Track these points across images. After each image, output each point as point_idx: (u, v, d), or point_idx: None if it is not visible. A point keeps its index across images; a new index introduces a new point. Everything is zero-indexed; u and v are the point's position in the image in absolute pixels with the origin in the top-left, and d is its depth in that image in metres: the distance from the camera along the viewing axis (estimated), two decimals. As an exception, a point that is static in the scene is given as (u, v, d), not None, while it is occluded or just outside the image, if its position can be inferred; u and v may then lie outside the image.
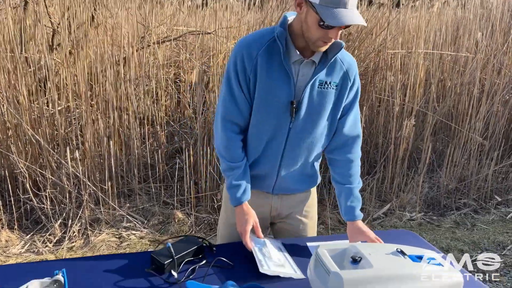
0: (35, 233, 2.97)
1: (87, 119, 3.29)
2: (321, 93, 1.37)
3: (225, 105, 1.40)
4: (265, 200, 1.54)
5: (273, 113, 1.37)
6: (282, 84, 1.34)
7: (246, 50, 1.33)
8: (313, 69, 1.35)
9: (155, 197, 3.42)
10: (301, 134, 1.41)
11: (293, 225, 1.59)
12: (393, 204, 3.46)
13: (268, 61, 1.33)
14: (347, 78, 1.40)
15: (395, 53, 3.72)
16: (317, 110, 1.39)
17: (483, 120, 3.76)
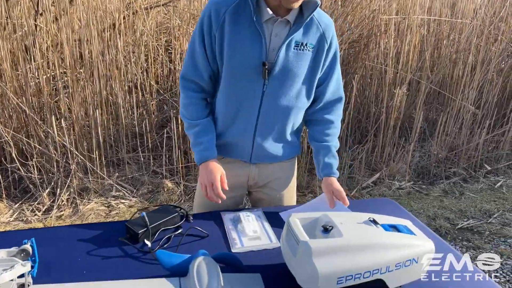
0: (24, 202, 2.98)
1: (74, 87, 3.22)
2: (297, 55, 1.31)
3: (185, 63, 1.38)
4: (243, 169, 1.50)
5: (244, 74, 1.32)
6: (253, 43, 1.28)
7: (214, 7, 1.28)
8: (287, 29, 1.29)
9: (144, 167, 3.40)
10: (276, 98, 1.35)
11: (269, 195, 1.57)
12: (382, 173, 3.46)
13: (236, 19, 1.27)
14: (324, 40, 1.34)
15: (390, 19, 3.62)
16: (292, 73, 1.32)
17: (477, 88, 3.71)
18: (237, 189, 1.53)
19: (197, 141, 1.39)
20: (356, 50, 3.90)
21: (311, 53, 1.34)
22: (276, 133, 1.44)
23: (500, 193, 3.32)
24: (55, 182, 3.03)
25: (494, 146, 3.83)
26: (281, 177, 1.56)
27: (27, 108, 3.04)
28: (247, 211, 1.43)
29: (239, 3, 1.27)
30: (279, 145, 1.47)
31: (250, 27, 1.27)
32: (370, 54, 3.81)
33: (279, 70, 1.31)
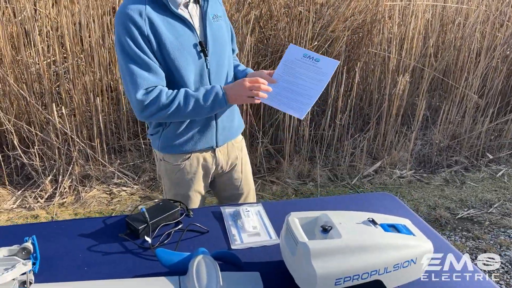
0: (26, 189, 3.00)
1: (74, 74, 3.20)
2: (218, 26, 1.44)
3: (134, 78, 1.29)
4: (211, 158, 1.57)
5: (188, 59, 1.37)
6: (183, 29, 1.35)
7: (132, 14, 1.27)
8: (198, 7, 1.40)
9: (146, 154, 3.41)
10: (219, 71, 1.45)
11: (233, 177, 1.66)
12: (384, 162, 3.46)
13: (158, 15, 1.31)
14: (221, 6, 1.51)
15: (393, 5, 3.55)
16: (222, 42, 1.44)
17: (481, 76, 3.67)
18: (207, 180, 1.62)
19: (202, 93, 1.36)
20: (359, 36, 3.84)
21: (223, 22, 1.48)
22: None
23: (501, 183, 3.32)
24: (57, 169, 3.04)
25: (496, 135, 3.81)
26: (241, 155, 1.67)
27: (27, 95, 3.03)
28: (247, 206, 1.43)
29: (150, 1, 1.31)
30: (234, 117, 1.59)
31: (173, 17, 1.34)
32: (373, 41, 3.76)
33: (212, 44, 1.41)
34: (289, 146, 3.30)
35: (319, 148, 3.48)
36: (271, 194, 2.96)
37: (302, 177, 3.29)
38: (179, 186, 1.57)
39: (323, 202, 1.58)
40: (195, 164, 1.54)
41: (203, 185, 1.60)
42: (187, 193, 1.58)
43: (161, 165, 1.58)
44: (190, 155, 1.52)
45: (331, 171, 3.37)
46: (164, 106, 1.32)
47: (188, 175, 1.55)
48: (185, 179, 1.55)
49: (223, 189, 1.69)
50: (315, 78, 1.40)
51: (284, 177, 3.23)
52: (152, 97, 1.31)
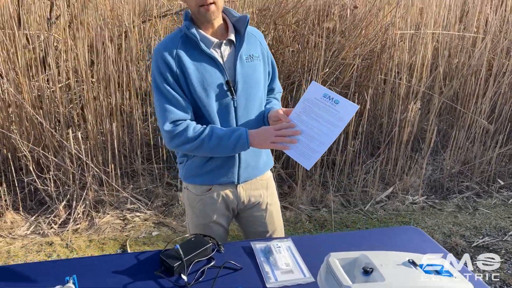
0: (40, 215, 2.99)
1: (88, 98, 3.24)
2: (251, 66, 1.45)
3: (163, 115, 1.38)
4: (232, 194, 1.56)
5: (214, 97, 1.41)
6: (212, 68, 1.39)
7: (164, 52, 1.37)
8: (233, 47, 1.44)
9: (159, 178, 3.42)
10: (247, 110, 1.46)
11: (258, 215, 1.63)
12: (396, 187, 3.47)
13: (188, 53, 1.38)
14: (262, 47, 1.52)
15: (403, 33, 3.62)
16: (253, 82, 1.46)
17: (489, 102, 3.71)
18: (229, 214, 1.61)
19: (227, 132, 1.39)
20: (369, 62, 3.91)
21: (259, 61, 1.49)
22: None
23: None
24: (71, 194, 3.04)
25: (507, 161, 3.83)
26: (266, 193, 1.64)
27: (43, 120, 3.06)
28: (277, 241, 1.43)
29: (184, 40, 1.39)
30: (259, 156, 1.57)
31: (203, 56, 1.39)
32: (383, 68, 3.81)
33: (241, 84, 1.43)
34: (302, 171, 3.32)
35: (331, 173, 3.49)
36: (284, 221, 2.95)
37: (315, 203, 3.29)
38: (200, 216, 1.58)
39: (351, 237, 1.59)
40: (216, 197, 1.55)
41: (224, 218, 1.60)
42: (208, 224, 1.58)
43: (185, 193, 1.62)
44: (211, 187, 1.54)
45: (343, 197, 3.38)
46: (189, 140, 1.39)
47: (208, 206, 1.56)
48: (205, 210, 1.57)
49: (247, 224, 1.67)
50: (331, 122, 1.33)
51: (297, 202, 3.23)
52: (179, 130, 1.38)
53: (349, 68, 3.66)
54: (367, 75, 3.96)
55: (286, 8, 3.66)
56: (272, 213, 1.65)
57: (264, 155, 1.61)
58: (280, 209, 1.74)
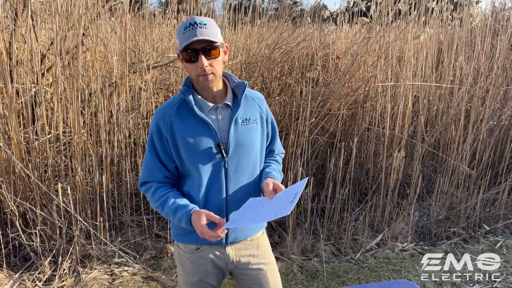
0: (24, 271, 2.89)
1: (77, 151, 3.24)
2: (246, 129, 1.51)
3: (142, 172, 1.54)
4: (220, 255, 1.57)
5: (204, 159, 1.46)
6: (204, 131, 1.46)
7: (160, 115, 1.48)
8: (229, 110, 1.51)
9: (147, 230, 3.37)
10: (239, 171, 1.51)
11: (252, 274, 1.62)
12: (385, 235, 3.49)
13: (182, 118, 1.46)
14: (261, 111, 1.58)
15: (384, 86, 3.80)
16: (246, 144, 1.50)
17: (470, 148, 3.85)
18: (219, 273, 1.60)
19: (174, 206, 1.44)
20: (353, 112, 4.05)
21: (256, 125, 1.54)
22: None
23: (500, 254, 3.36)
24: (57, 249, 2.97)
25: (491, 206, 3.92)
26: (259, 253, 1.63)
27: (31, 173, 3.03)
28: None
29: (180, 105, 1.47)
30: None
31: (197, 120, 1.46)
32: (366, 117, 3.96)
33: (233, 146, 1.48)
34: (292, 219, 3.32)
35: (321, 221, 3.51)
36: (276, 272, 2.92)
37: (306, 252, 3.28)
38: (190, 274, 1.59)
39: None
40: (204, 257, 1.56)
41: (214, 278, 1.60)
42: (197, 282, 1.58)
43: (175, 250, 1.64)
44: (199, 246, 1.56)
45: (334, 245, 3.37)
46: (151, 200, 1.52)
47: (197, 265, 1.57)
48: (195, 268, 1.57)
49: (242, 283, 1.66)
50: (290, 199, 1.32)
51: (288, 253, 3.21)
52: (144, 190, 1.54)
53: (334, 118, 3.79)
54: (352, 124, 4.10)
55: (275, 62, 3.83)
56: (266, 272, 1.63)
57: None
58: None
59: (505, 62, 4.31)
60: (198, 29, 1.36)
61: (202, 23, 1.37)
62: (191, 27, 1.36)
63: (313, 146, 3.74)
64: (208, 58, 1.38)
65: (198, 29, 1.36)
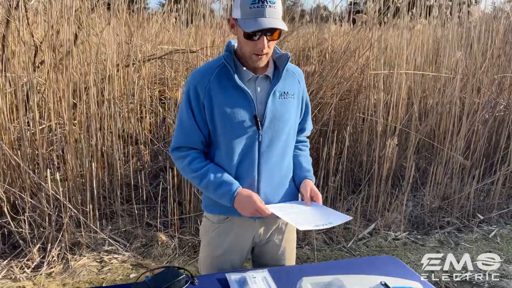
0: (12, 259, 2.87)
1: (68, 139, 3.23)
2: (283, 103, 1.46)
3: (175, 135, 1.49)
4: (248, 227, 1.53)
5: (239, 130, 1.42)
6: (242, 101, 1.41)
7: (198, 79, 1.42)
8: (269, 83, 1.45)
9: (138, 219, 3.35)
10: (271, 145, 1.46)
11: (272, 250, 1.60)
12: (378, 224, 3.47)
13: (221, 85, 1.41)
14: (299, 86, 1.54)
15: (377, 74, 3.78)
16: (281, 119, 1.46)
17: (464, 138, 3.83)
18: (244, 247, 1.56)
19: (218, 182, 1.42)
20: (346, 102, 4.03)
21: (293, 100, 1.49)
22: (277, 181, 1.51)
23: (494, 243, 3.33)
24: (46, 237, 2.95)
25: (484, 196, 3.89)
26: (284, 230, 1.60)
27: (21, 161, 3.02)
28: (252, 272, 1.41)
29: (220, 70, 1.42)
30: (281, 193, 1.53)
31: (235, 88, 1.41)
32: (360, 106, 3.94)
33: (269, 119, 1.44)
34: (283, 209, 3.29)
35: (313, 211, 3.48)
36: (267, 259, 2.90)
37: (297, 241, 3.24)
38: (214, 247, 1.56)
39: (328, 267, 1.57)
40: (231, 227, 1.53)
41: (238, 253, 1.56)
42: (219, 256, 1.55)
43: (203, 224, 1.62)
44: (228, 217, 1.53)
45: (326, 234, 3.35)
46: (185, 170, 1.47)
47: (223, 236, 1.54)
48: (220, 239, 1.54)
49: (258, 256, 1.65)
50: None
51: (280, 241, 3.18)
52: (180, 156, 1.48)
53: (327, 107, 3.77)
54: (345, 114, 4.08)
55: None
56: (285, 249, 1.63)
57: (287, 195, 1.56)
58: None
59: (500, 51, 4.28)
60: (267, 8, 1.28)
61: (272, 1, 1.28)
62: (260, 3, 1.27)
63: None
64: (269, 39, 1.33)
65: (267, 9, 1.28)
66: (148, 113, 4.16)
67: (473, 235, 3.45)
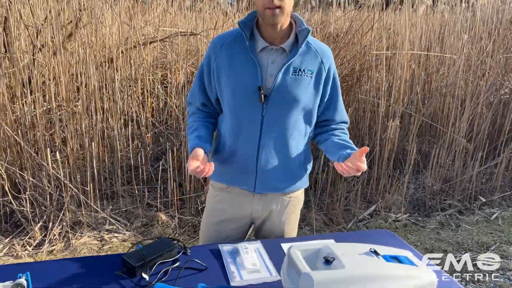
0: (15, 237, 2.91)
1: (69, 120, 3.23)
2: (296, 80, 1.36)
3: (191, 88, 1.52)
4: (247, 200, 1.51)
5: (242, 100, 1.38)
6: (248, 70, 1.36)
7: (214, 43, 1.42)
8: (284, 56, 1.37)
9: (139, 199, 3.37)
10: (275, 123, 1.38)
11: (271, 228, 1.57)
12: (378, 205, 3.46)
13: (232, 51, 1.38)
14: (322, 66, 1.40)
15: (380, 54, 3.73)
16: (291, 97, 1.36)
17: (467, 121, 3.78)
18: (241, 219, 1.55)
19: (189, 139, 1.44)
20: (348, 84, 3.99)
21: (310, 79, 1.38)
22: (280, 162, 1.44)
23: (496, 225, 3.32)
24: (47, 215, 2.98)
25: (487, 178, 3.86)
26: (284, 211, 1.55)
27: (22, 141, 3.03)
28: (245, 243, 1.41)
29: (236, 38, 1.38)
30: (283, 175, 1.47)
31: (245, 56, 1.36)
32: (363, 88, 3.90)
33: (276, 94, 1.36)
34: (284, 191, 3.30)
35: (314, 192, 3.48)
36: (266, 239, 2.91)
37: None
38: (213, 213, 1.56)
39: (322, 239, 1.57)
40: (231, 197, 1.51)
41: (235, 224, 1.54)
42: (217, 223, 1.54)
43: (209, 190, 1.61)
44: (229, 187, 1.52)
45: (326, 215, 3.35)
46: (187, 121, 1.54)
47: (222, 205, 1.53)
48: (219, 207, 1.54)
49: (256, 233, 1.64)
50: None
51: (279, 221, 3.19)
52: (188, 109, 1.58)
53: (329, 88, 3.73)
54: (348, 96, 4.04)
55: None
56: (283, 232, 1.58)
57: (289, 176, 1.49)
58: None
59: (507, 32, 4.20)
60: None
61: None
62: None
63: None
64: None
65: None
66: (150, 97, 4.15)
67: (474, 217, 3.43)
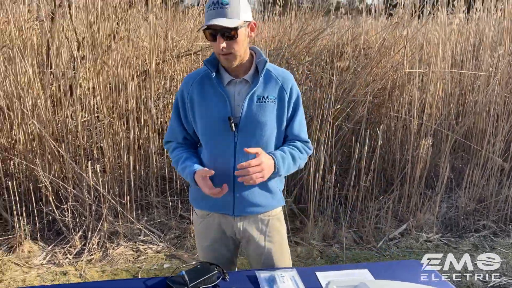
0: (56, 245, 3.07)
1: (107, 132, 3.38)
2: (261, 107, 1.50)
3: (167, 130, 1.66)
4: (228, 223, 1.62)
5: (215, 130, 1.51)
6: (218, 103, 1.50)
7: (186, 81, 1.57)
8: (248, 86, 1.52)
9: (172, 211, 3.47)
10: (248, 147, 1.45)
11: (254, 250, 1.64)
12: (409, 224, 3.43)
13: (202, 87, 1.54)
14: (284, 91, 1.53)
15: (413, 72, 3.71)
16: (258, 123, 1.50)
17: (503, 140, 3.69)
18: (227, 239, 1.66)
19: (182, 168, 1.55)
20: (380, 100, 3.98)
21: (274, 104, 1.52)
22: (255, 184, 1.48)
23: (532, 249, 3.22)
24: (87, 225, 3.12)
25: (524, 199, 3.75)
26: (266, 230, 1.63)
27: (64, 153, 3.20)
28: (281, 271, 1.46)
29: (205, 74, 1.54)
30: (259, 195, 1.58)
31: (214, 91, 1.52)
32: (394, 105, 3.87)
33: (245, 122, 1.50)
34: (314, 206, 3.33)
35: (344, 209, 3.48)
36: (295, 256, 2.94)
37: (327, 239, 3.27)
38: (202, 238, 1.69)
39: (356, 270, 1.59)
40: (213, 223, 1.63)
41: (224, 245, 1.66)
42: (208, 246, 1.67)
43: (194, 216, 1.73)
44: (210, 213, 1.63)
45: (356, 233, 3.35)
46: (171, 157, 1.65)
47: (208, 230, 1.65)
48: (206, 233, 1.66)
49: (248, 259, 1.72)
50: None
51: (309, 238, 3.22)
52: (167, 148, 1.70)
53: (360, 105, 3.74)
54: (379, 112, 4.02)
55: (299, 48, 3.81)
56: (270, 251, 1.63)
57: (266, 195, 1.58)
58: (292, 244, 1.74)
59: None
60: (218, 9, 1.36)
61: (225, 3, 1.35)
62: (213, 6, 1.37)
63: (338, 133, 3.71)
64: (226, 39, 1.39)
65: (218, 10, 1.36)
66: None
67: (510, 239, 3.35)
